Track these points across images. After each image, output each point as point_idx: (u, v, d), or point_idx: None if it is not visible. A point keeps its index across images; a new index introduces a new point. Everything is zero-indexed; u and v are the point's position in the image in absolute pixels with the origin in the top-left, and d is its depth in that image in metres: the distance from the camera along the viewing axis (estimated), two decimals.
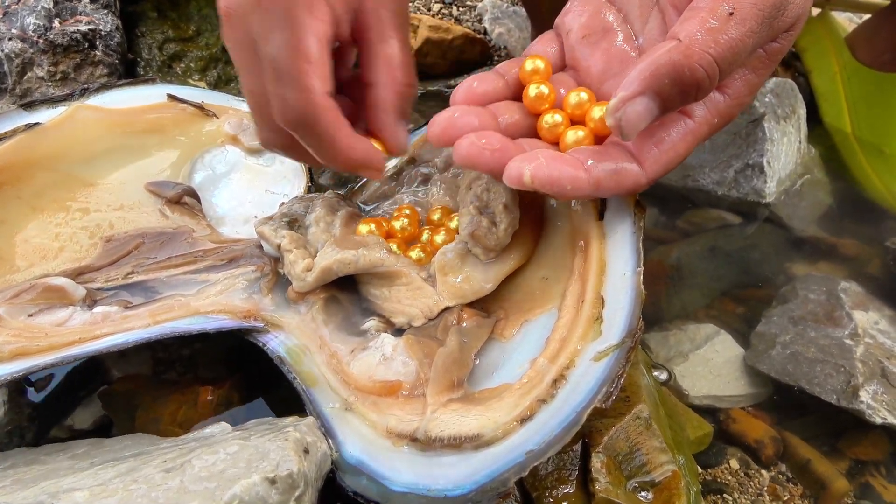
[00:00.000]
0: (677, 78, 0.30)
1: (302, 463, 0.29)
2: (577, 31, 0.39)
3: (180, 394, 0.40)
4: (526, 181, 0.32)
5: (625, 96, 0.30)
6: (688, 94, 0.30)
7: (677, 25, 0.31)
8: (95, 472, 0.31)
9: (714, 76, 0.30)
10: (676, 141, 0.33)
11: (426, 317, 0.39)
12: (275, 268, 0.43)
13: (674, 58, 0.29)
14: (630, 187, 0.33)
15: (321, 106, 0.34)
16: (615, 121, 0.30)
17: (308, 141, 0.35)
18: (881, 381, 0.46)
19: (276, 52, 0.33)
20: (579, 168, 0.32)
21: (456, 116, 0.36)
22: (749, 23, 0.30)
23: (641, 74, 0.30)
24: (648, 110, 0.30)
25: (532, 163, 0.32)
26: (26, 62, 0.61)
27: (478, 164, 0.34)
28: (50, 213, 0.47)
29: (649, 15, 0.37)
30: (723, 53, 0.30)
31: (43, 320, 0.39)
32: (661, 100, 0.30)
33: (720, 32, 0.30)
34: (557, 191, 0.32)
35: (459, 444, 0.32)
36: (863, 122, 0.71)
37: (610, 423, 0.35)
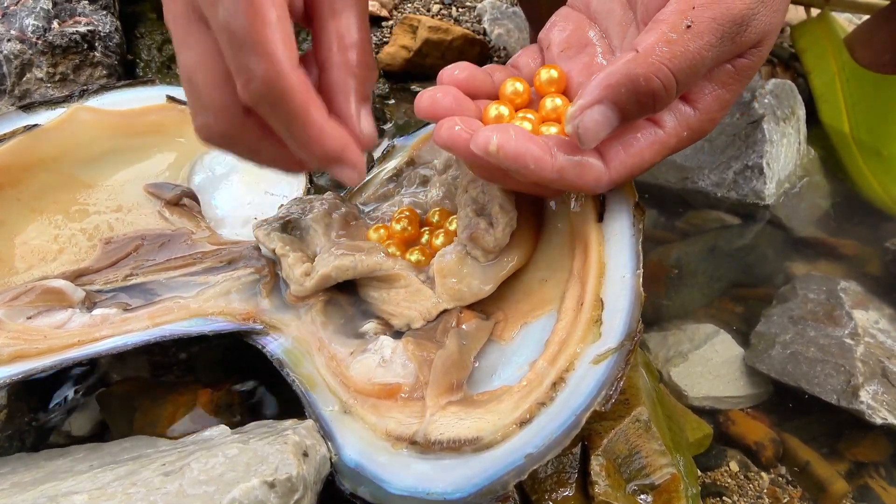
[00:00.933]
0: (633, 88, 0.30)
1: (301, 466, 0.29)
2: (558, 45, 0.39)
3: (179, 396, 0.40)
4: (491, 149, 0.31)
5: (583, 104, 0.31)
6: (645, 104, 0.31)
7: (638, 37, 0.31)
8: (94, 475, 0.31)
9: (671, 87, 0.31)
10: (644, 147, 0.34)
11: (425, 319, 0.39)
12: (273, 270, 0.43)
13: (630, 68, 0.30)
14: (591, 182, 0.33)
15: (290, 76, 0.29)
16: (573, 127, 0.31)
17: (276, 118, 0.31)
18: (881, 381, 0.46)
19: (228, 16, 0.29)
20: (546, 151, 0.32)
21: (438, 97, 0.36)
22: (706, 36, 0.31)
23: (600, 84, 0.30)
24: (606, 119, 0.31)
25: (501, 133, 0.32)
26: (25, 63, 0.61)
27: (454, 147, 0.34)
28: (49, 215, 0.47)
29: (627, 30, 0.37)
30: (679, 65, 0.30)
31: (42, 322, 0.39)
32: (619, 109, 0.31)
33: (677, 45, 0.30)
34: (520, 166, 0.32)
35: (459, 447, 0.32)
36: (861, 123, 0.71)
37: (609, 426, 0.35)
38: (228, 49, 0.29)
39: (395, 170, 0.50)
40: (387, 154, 0.51)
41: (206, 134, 0.33)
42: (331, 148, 0.32)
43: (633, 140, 0.34)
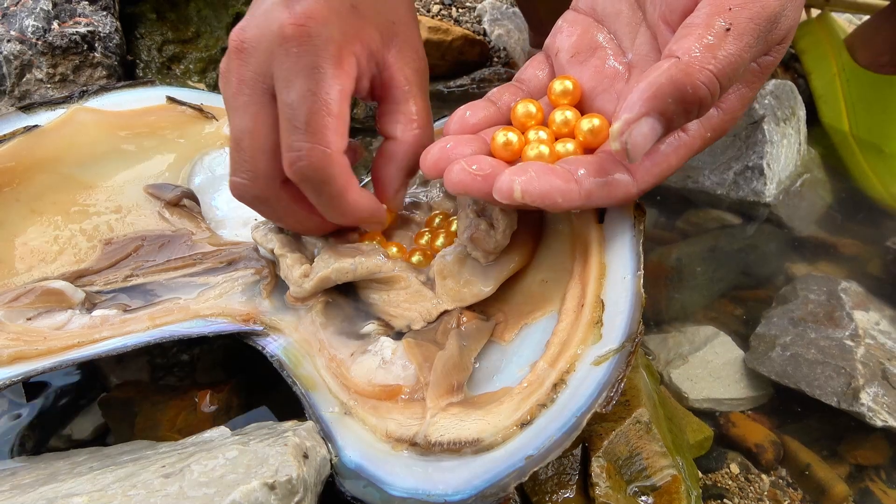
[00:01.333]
0: (679, 96, 0.29)
1: (301, 468, 0.29)
2: (566, 51, 0.39)
3: (180, 399, 0.40)
4: (516, 196, 0.31)
5: (629, 118, 0.29)
6: (690, 111, 0.30)
7: (674, 43, 0.31)
8: (94, 476, 0.31)
9: (715, 92, 0.30)
10: (669, 153, 0.33)
11: (425, 320, 0.39)
12: (273, 271, 0.43)
13: (674, 76, 0.29)
14: (621, 198, 0.33)
15: (337, 163, 0.34)
16: (621, 144, 0.30)
17: (316, 196, 0.35)
18: (882, 383, 0.46)
19: (297, 100, 0.32)
20: (570, 180, 0.32)
21: (448, 147, 0.35)
22: (746, 37, 0.30)
23: (643, 95, 0.29)
24: (653, 131, 0.30)
25: (522, 176, 0.31)
26: (25, 64, 0.61)
27: (469, 189, 0.33)
28: (49, 216, 0.47)
29: (637, 32, 0.37)
30: (723, 69, 0.30)
31: (42, 324, 0.39)
32: (665, 119, 0.30)
33: (718, 48, 0.30)
34: (549, 204, 0.32)
35: (459, 448, 0.32)
36: (861, 123, 0.71)
37: (610, 428, 0.35)
38: (287, 127, 0.33)
39: None
40: None
41: (240, 193, 0.37)
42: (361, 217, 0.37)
43: (657, 147, 0.33)
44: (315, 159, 0.33)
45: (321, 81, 0.33)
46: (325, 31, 0.33)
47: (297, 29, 0.33)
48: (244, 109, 0.34)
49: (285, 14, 0.33)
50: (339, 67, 0.33)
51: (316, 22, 0.33)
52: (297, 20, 0.33)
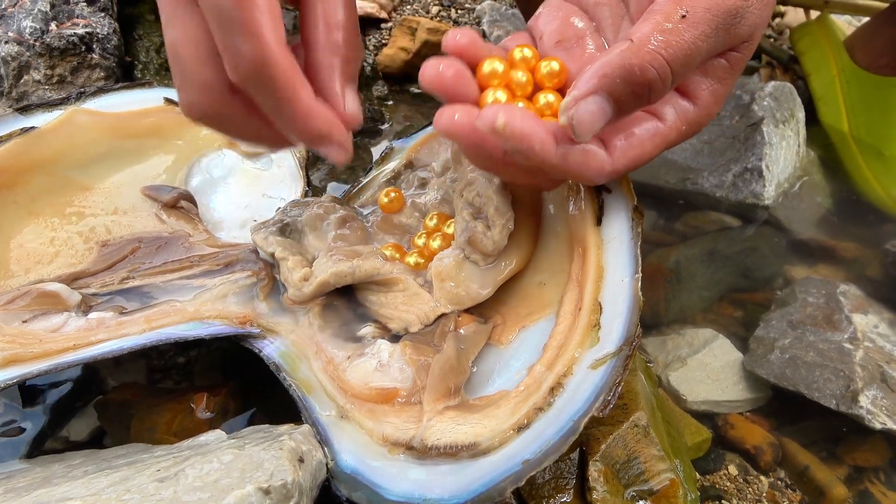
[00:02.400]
0: (629, 78, 0.30)
1: (297, 472, 0.29)
2: (551, 36, 0.39)
3: (176, 402, 0.40)
4: (498, 124, 0.31)
5: (577, 95, 0.30)
6: (640, 95, 0.31)
7: (633, 27, 0.31)
8: (89, 480, 0.30)
9: (666, 77, 0.31)
10: (645, 139, 0.34)
11: (423, 323, 0.39)
12: (271, 273, 0.43)
13: (625, 58, 0.30)
14: (594, 170, 0.33)
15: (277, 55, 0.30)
16: (567, 119, 0.30)
17: (264, 97, 0.31)
18: (881, 386, 0.46)
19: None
20: (551, 135, 0.32)
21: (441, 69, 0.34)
22: (702, 26, 0.31)
23: (594, 74, 0.30)
24: (601, 110, 0.30)
25: (508, 111, 0.31)
26: (23, 65, 0.61)
27: (457, 135, 0.33)
28: (45, 218, 0.47)
29: (621, 23, 0.37)
30: (674, 55, 0.30)
31: (37, 326, 0.39)
32: (615, 100, 0.30)
33: (672, 34, 0.30)
34: (525, 146, 0.31)
35: (456, 452, 0.32)
36: (861, 125, 0.71)
37: (608, 431, 0.35)
38: (217, 28, 0.30)
39: (393, 172, 0.50)
40: (385, 156, 0.51)
41: (192, 111, 0.33)
42: (317, 127, 0.32)
43: (634, 131, 0.33)
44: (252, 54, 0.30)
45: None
46: None
47: None
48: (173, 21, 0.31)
49: None
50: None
51: None
52: None
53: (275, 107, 0.31)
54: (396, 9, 0.92)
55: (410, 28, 0.81)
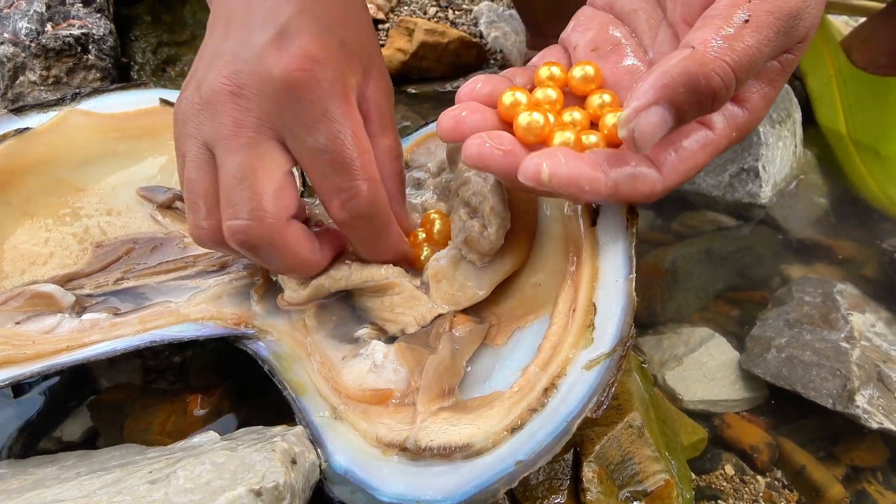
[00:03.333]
0: (692, 86, 0.28)
1: (289, 474, 0.29)
2: (586, 45, 0.37)
3: (170, 403, 0.40)
4: (544, 178, 0.30)
5: (638, 106, 0.28)
6: (703, 103, 0.29)
7: (691, 33, 0.30)
8: (80, 482, 0.30)
9: (730, 85, 0.29)
10: (696, 150, 0.32)
11: (419, 324, 0.39)
12: (266, 274, 0.43)
13: (689, 66, 0.28)
14: (647, 193, 0.32)
15: (384, 194, 0.35)
16: (628, 132, 0.29)
17: (365, 232, 0.36)
18: (877, 385, 0.46)
19: (328, 143, 0.33)
20: (598, 169, 0.31)
21: (464, 115, 0.34)
22: (765, 31, 0.29)
23: (655, 83, 0.28)
24: (663, 121, 0.28)
25: (550, 159, 0.30)
26: (18, 66, 0.61)
27: (489, 164, 0.32)
28: (40, 219, 0.47)
29: (658, 30, 0.36)
30: (739, 61, 0.29)
31: (30, 328, 0.39)
32: (676, 110, 0.29)
33: (736, 40, 0.29)
34: (575, 191, 0.30)
35: (449, 453, 0.32)
36: (858, 125, 0.71)
37: (602, 432, 0.35)
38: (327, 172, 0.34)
39: None
40: None
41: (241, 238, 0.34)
42: (401, 249, 0.38)
43: (684, 144, 0.32)
44: (368, 194, 0.34)
45: (344, 122, 0.33)
46: (328, 72, 0.33)
47: (304, 74, 0.32)
48: (246, 149, 0.33)
49: (285, 57, 0.33)
50: (349, 104, 0.34)
51: (319, 65, 0.33)
52: (300, 65, 0.32)
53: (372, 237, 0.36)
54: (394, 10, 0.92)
55: (408, 29, 0.81)
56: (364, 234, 0.36)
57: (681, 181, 0.32)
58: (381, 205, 0.35)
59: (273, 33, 0.33)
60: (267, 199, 0.33)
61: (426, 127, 0.52)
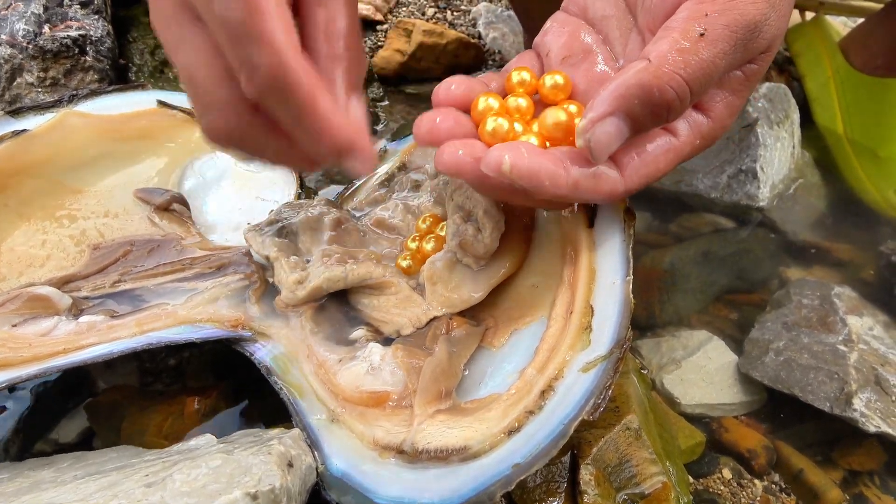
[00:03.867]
0: (647, 99, 0.29)
1: (285, 477, 0.29)
2: (558, 52, 0.38)
3: (167, 404, 0.40)
4: (504, 169, 0.30)
5: (594, 117, 0.29)
6: (658, 115, 0.30)
7: (650, 45, 0.31)
8: (77, 485, 0.30)
9: (685, 97, 0.30)
10: (658, 155, 0.33)
11: (415, 326, 0.39)
12: (263, 276, 0.43)
13: (643, 78, 0.29)
14: (607, 192, 0.32)
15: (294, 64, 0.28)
16: (585, 142, 0.30)
17: (284, 110, 0.29)
18: (875, 389, 0.46)
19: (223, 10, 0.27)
20: (559, 165, 0.31)
21: (438, 122, 0.34)
22: (720, 44, 0.30)
23: (611, 95, 0.29)
24: (619, 131, 0.30)
25: (512, 152, 0.30)
26: (16, 68, 0.61)
27: (461, 172, 0.33)
28: (37, 221, 0.47)
29: (629, 37, 0.37)
30: (693, 74, 0.29)
31: (27, 330, 0.39)
32: (632, 120, 0.30)
33: (691, 53, 0.29)
34: (535, 184, 0.31)
35: (446, 456, 0.32)
36: (856, 126, 0.71)
37: (599, 434, 0.35)
38: (228, 43, 0.28)
39: (386, 174, 0.50)
40: (379, 158, 0.51)
41: (214, 134, 0.32)
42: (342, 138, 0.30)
43: (647, 148, 0.33)
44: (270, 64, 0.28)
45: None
46: None
47: None
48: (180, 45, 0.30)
49: None
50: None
51: None
52: None
53: (296, 119, 0.29)
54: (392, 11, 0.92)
55: (406, 30, 0.81)
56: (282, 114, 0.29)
57: (642, 184, 0.33)
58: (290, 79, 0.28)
59: None
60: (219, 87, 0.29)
61: None
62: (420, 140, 0.35)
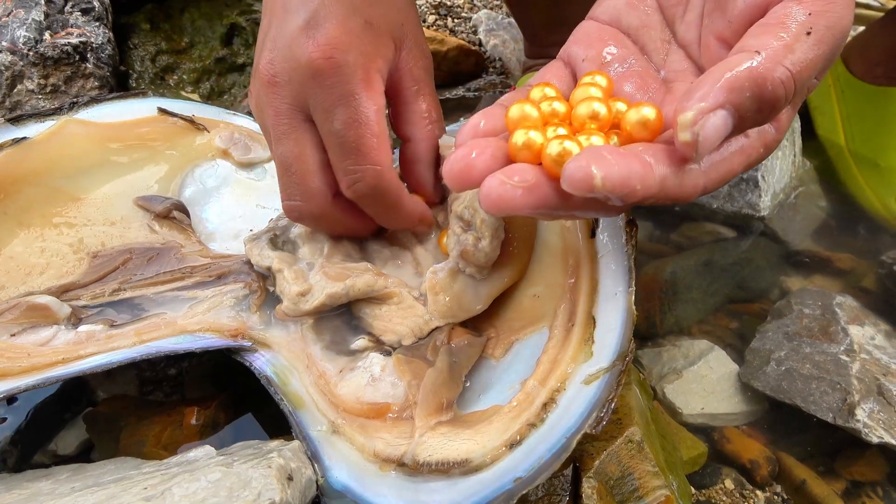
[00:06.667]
0: (758, 93, 0.27)
1: (285, 491, 0.28)
2: (593, 60, 0.36)
3: (166, 415, 0.40)
4: (597, 184, 0.26)
5: (705, 108, 0.26)
6: (763, 111, 0.28)
7: (750, 39, 0.28)
8: (75, 498, 0.30)
9: (790, 95, 0.28)
10: (735, 153, 0.30)
11: (416, 336, 0.39)
12: (263, 285, 0.43)
13: (756, 70, 0.27)
14: (690, 191, 0.29)
15: (389, 177, 0.36)
16: (692, 135, 0.26)
17: (374, 209, 0.38)
18: (877, 399, 0.46)
19: (341, 128, 0.35)
20: (646, 164, 0.27)
21: (474, 156, 0.29)
22: (824, 46, 0.28)
23: (722, 86, 0.26)
24: (725, 125, 0.26)
25: (597, 160, 0.26)
26: (16, 75, 0.61)
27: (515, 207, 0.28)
28: (36, 229, 0.46)
29: (668, 50, 0.35)
30: (801, 73, 0.28)
31: (26, 340, 0.39)
32: (738, 116, 0.27)
33: (799, 51, 0.28)
34: (627, 192, 0.26)
35: (447, 469, 0.31)
36: (857, 135, 0.71)
37: (601, 447, 0.34)
38: (338, 153, 0.36)
39: None
40: None
41: (297, 214, 0.39)
42: (415, 219, 0.40)
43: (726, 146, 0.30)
44: (370, 178, 0.36)
45: (359, 107, 0.35)
46: (350, 57, 0.35)
47: (326, 62, 0.35)
48: (286, 137, 0.37)
49: (310, 45, 0.35)
50: (371, 88, 0.36)
51: (341, 51, 0.35)
52: (323, 52, 0.35)
53: (383, 213, 0.39)
54: None
55: None
56: (373, 210, 0.38)
57: (720, 184, 0.30)
58: (385, 188, 0.36)
59: (303, 20, 0.35)
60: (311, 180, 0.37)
61: None
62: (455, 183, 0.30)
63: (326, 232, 0.41)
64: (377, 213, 0.39)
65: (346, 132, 0.35)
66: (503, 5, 0.95)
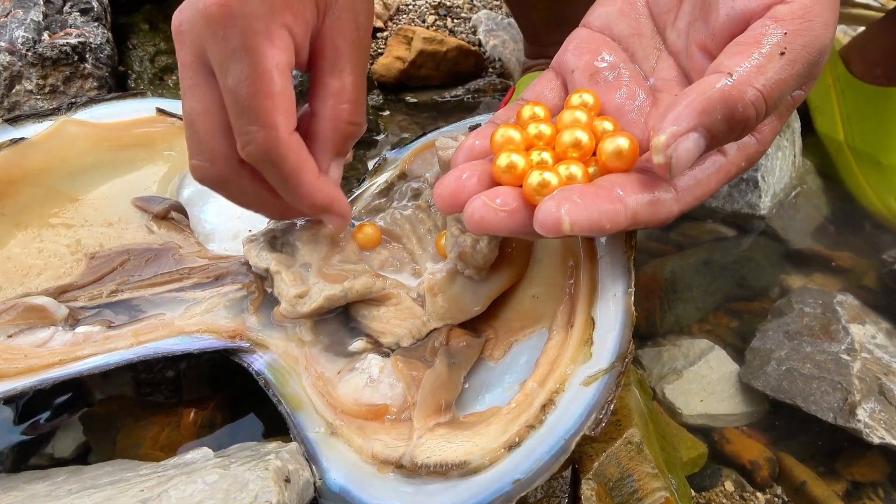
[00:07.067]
0: (729, 114, 0.28)
1: (282, 493, 0.28)
2: (583, 70, 0.36)
3: (163, 416, 0.40)
4: (565, 229, 0.28)
5: (677, 131, 0.27)
6: (734, 131, 0.29)
7: (725, 59, 0.29)
8: (72, 500, 0.30)
9: (761, 114, 0.29)
10: (710, 174, 0.31)
11: (414, 337, 0.39)
12: (262, 286, 0.42)
13: (727, 93, 0.28)
14: (664, 218, 0.30)
15: (286, 143, 0.33)
16: (666, 158, 0.27)
17: (272, 178, 0.35)
18: (879, 399, 0.45)
19: (235, 84, 0.32)
20: (615, 201, 0.29)
21: (465, 178, 0.32)
22: (798, 65, 0.29)
23: (693, 109, 0.27)
24: (697, 147, 0.28)
25: (567, 204, 0.28)
26: (15, 75, 0.61)
27: (496, 228, 0.30)
28: (34, 230, 0.46)
29: (658, 57, 0.36)
30: (772, 93, 0.28)
31: (23, 341, 0.38)
32: (710, 136, 0.28)
33: (771, 72, 0.28)
34: (597, 232, 0.29)
35: (446, 471, 0.31)
36: (857, 134, 0.71)
37: (600, 448, 0.34)
38: (233, 111, 0.33)
39: (386, 183, 0.49)
40: (378, 167, 0.51)
41: (200, 175, 0.36)
42: (319, 203, 0.36)
43: (700, 167, 0.31)
44: (262, 141, 0.33)
45: (254, 63, 0.32)
46: (249, 7, 0.32)
47: (220, 9, 0.31)
48: (191, 92, 0.34)
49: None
50: (271, 44, 0.32)
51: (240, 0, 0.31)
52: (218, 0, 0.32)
53: (280, 184, 0.35)
54: (392, 18, 0.92)
55: (406, 37, 0.81)
56: (270, 178, 0.35)
57: (694, 205, 0.31)
58: (280, 156, 0.33)
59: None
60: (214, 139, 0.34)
61: (424, 137, 0.51)
62: (444, 207, 0.32)
63: (234, 201, 0.38)
64: (275, 184, 0.35)
65: (238, 89, 0.32)
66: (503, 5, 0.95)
